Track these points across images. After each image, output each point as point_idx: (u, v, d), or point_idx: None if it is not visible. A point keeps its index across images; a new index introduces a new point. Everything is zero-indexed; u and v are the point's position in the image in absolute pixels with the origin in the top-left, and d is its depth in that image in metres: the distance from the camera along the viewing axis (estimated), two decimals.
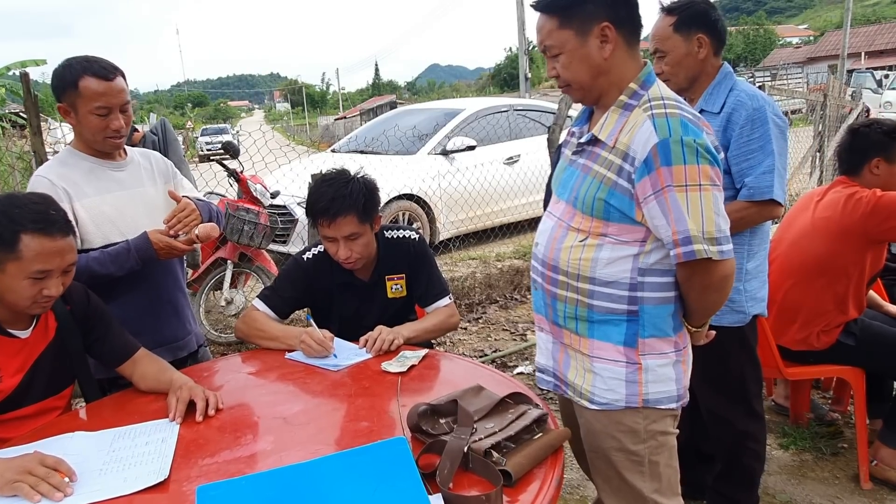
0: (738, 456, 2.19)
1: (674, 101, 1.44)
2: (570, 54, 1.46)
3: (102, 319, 1.80)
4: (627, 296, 1.47)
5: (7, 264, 1.51)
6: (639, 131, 1.39)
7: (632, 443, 1.52)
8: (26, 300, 1.56)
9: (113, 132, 1.93)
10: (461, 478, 1.23)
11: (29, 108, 3.41)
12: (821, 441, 2.85)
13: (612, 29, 1.43)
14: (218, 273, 4.38)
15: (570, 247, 1.52)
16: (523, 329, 4.57)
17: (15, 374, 1.62)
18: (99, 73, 1.87)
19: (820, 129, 6.79)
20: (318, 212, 2.02)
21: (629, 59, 1.48)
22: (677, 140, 1.35)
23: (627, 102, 1.46)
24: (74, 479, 1.30)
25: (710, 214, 1.36)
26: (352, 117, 39.56)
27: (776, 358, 2.50)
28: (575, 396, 1.59)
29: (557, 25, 1.45)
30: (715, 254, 1.37)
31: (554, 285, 1.56)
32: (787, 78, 27.13)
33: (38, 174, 1.95)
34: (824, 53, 34.90)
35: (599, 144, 1.48)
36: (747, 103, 1.95)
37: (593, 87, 1.49)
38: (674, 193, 1.35)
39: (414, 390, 1.68)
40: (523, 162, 7.00)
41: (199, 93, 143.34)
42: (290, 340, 1.99)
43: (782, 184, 1.97)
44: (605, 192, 1.44)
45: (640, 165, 1.38)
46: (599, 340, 1.51)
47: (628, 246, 1.46)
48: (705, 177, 1.36)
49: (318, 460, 1.21)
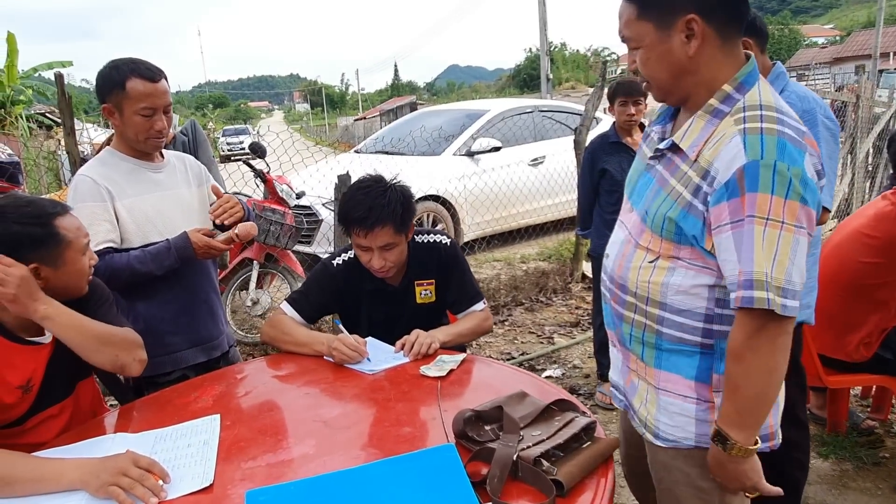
0: (781, 465, 2.13)
1: (775, 111, 1.20)
2: (649, 49, 1.26)
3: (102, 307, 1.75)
4: (702, 328, 1.28)
5: (65, 254, 1.58)
6: (725, 147, 1.18)
7: (701, 479, 1.35)
8: (86, 276, 1.64)
9: (156, 133, 1.96)
10: (510, 487, 1.20)
11: (63, 108, 3.45)
12: (861, 450, 2.78)
13: (699, 22, 1.20)
14: (244, 273, 4.39)
15: (639, 267, 1.34)
16: (550, 332, 4.53)
17: (41, 379, 1.62)
18: (145, 74, 1.90)
19: (852, 131, 6.66)
20: (354, 221, 1.97)
21: (723, 56, 1.25)
22: (769, 164, 1.13)
23: (717, 108, 1.24)
24: (168, 482, 1.28)
25: (783, 259, 1.13)
26: (371, 118, 39.70)
27: (817, 366, 2.44)
28: (640, 427, 1.44)
29: (636, 15, 1.26)
30: (778, 306, 1.13)
31: (621, 305, 1.41)
32: (814, 78, 26.70)
33: (81, 173, 1.98)
34: (851, 54, 34.31)
35: (680, 154, 1.29)
36: (797, 105, 1.90)
37: (676, 87, 1.29)
38: (753, 226, 1.14)
39: (454, 395, 1.65)
40: (548, 163, 6.95)
41: (220, 94, 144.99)
42: (318, 346, 1.95)
43: (830, 189, 1.92)
44: (678, 213, 1.25)
45: (720, 188, 1.17)
46: (668, 372, 1.34)
47: (704, 274, 1.26)
48: (791, 215, 1.13)
49: (367, 466, 1.20)
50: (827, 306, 2.47)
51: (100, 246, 1.88)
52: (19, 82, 14.73)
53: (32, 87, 15.61)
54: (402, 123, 8.39)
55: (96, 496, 1.24)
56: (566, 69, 49.45)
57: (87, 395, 1.78)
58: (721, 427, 1.23)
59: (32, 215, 1.53)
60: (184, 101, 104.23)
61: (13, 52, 13.73)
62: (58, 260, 1.55)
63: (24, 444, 1.56)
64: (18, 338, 1.59)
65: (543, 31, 10.82)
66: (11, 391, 1.55)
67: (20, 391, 1.56)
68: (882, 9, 12.05)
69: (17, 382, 1.56)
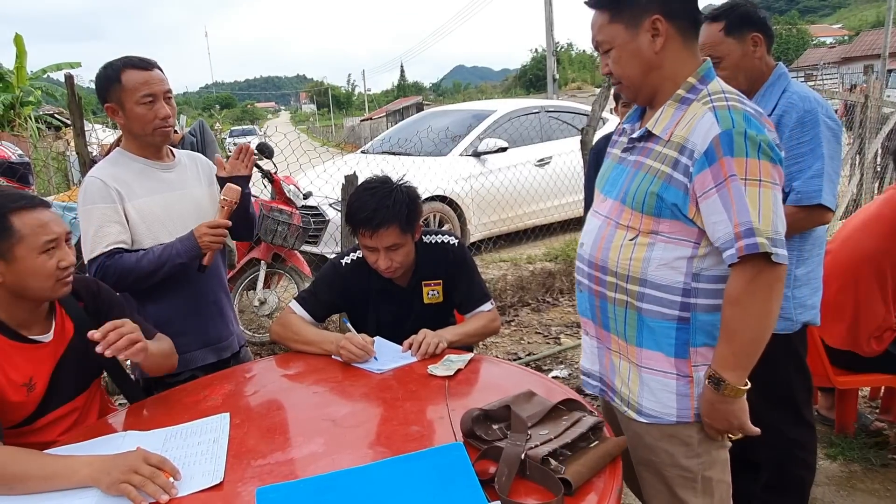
0: (788, 465, 2.13)
1: (736, 95, 1.38)
2: (621, 49, 1.42)
3: (114, 310, 1.77)
4: (680, 301, 1.40)
5: (14, 250, 1.52)
6: (699, 123, 1.33)
7: (684, 457, 1.47)
8: (49, 279, 1.57)
9: (161, 120, 1.96)
10: (518, 485, 1.21)
11: (73, 109, 3.47)
12: (869, 452, 2.77)
13: (663, 21, 1.38)
14: (251, 273, 4.41)
15: (620, 246, 1.45)
16: (556, 332, 4.54)
17: (46, 379, 1.64)
18: (139, 64, 1.94)
19: (860, 131, 6.62)
20: (360, 222, 1.98)
21: (685, 54, 1.42)
22: (741, 132, 1.29)
23: (685, 96, 1.40)
24: (179, 478, 1.29)
25: (768, 213, 1.28)
26: (378, 118, 39.73)
27: (826, 367, 2.44)
28: (622, 405, 1.54)
29: (608, 20, 1.43)
30: (773, 253, 1.28)
31: (602, 286, 1.51)
32: (822, 78, 26.56)
33: (91, 175, 1.98)
34: (860, 53, 34.11)
35: (653, 139, 1.43)
36: (798, 105, 1.90)
37: (645, 82, 1.44)
38: (738, 184, 1.28)
39: (462, 394, 1.66)
40: (555, 164, 6.95)
41: (227, 94, 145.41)
42: (326, 345, 1.96)
43: (833, 188, 1.91)
44: (658, 186, 1.38)
45: (700, 157, 1.32)
46: (649, 350, 1.45)
47: (681, 246, 1.39)
48: (766, 173, 1.29)
49: (376, 464, 1.20)
50: (838, 298, 2.46)
51: (109, 247, 1.91)
52: (28, 83, 14.83)
53: (41, 89, 15.72)
54: (408, 124, 8.40)
55: (108, 493, 1.25)
56: (572, 69, 49.36)
57: (94, 396, 1.81)
58: (716, 370, 1.36)
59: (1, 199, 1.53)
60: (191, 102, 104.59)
61: (21, 53, 13.83)
62: (7, 254, 1.53)
63: (34, 443, 1.58)
64: (20, 336, 1.61)
65: (550, 31, 10.82)
66: (17, 389, 1.57)
67: (25, 389, 1.58)
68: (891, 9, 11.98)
69: (21, 380, 1.58)
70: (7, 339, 1.58)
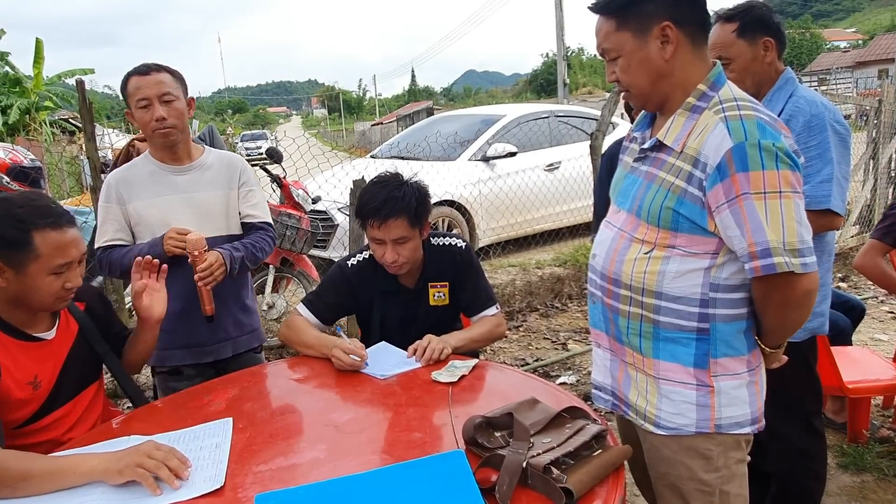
0: (797, 475, 2.10)
1: (748, 101, 1.34)
2: (629, 57, 1.38)
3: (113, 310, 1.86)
4: (698, 312, 1.36)
5: (28, 266, 1.54)
6: (710, 135, 1.30)
7: (703, 471, 1.43)
8: (51, 297, 1.59)
9: (155, 123, 2.00)
10: (519, 494, 1.19)
11: (84, 114, 3.51)
12: (882, 461, 2.73)
13: (673, 28, 1.34)
14: (260, 277, 4.43)
15: (634, 259, 1.42)
16: (564, 338, 4.51)
17: (51, 377, 1.65)
18: (140, 70, 2.01)
19: (874, 136, 6.55)
20: (369, 212, 2.00)
21: (695, 60, 1.38)
22: (754, 143, 1.24)
23: (695, 105, 1.36)
24: (189, 465, 1.33)
25: (791, 224, 1.25)
26: (388, 123, 39.86)
27: (837, 375, 2.40)
28: (637, 419, 1.49)
29: (615, 27, 1.38)
30: (797, 266, 1.25)
31: (615, 300, 1.47)
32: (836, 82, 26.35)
33: (108, 176, 2.13)
34: (874, 57, 33.83)
35: (665, 150, 1.39)
36: (805, 109, 1.88)
37: (654, 91, 1.40)
38: (751, 201, 1.25)
39: (465, 401, 1.65)
40: (564, 169, 6.93)
41: (239, 99, 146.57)
42: (324, 349, 1.95)
43: (842, 193, 1.88)
44: (674, 201, 1.34)
45: (713, 172, 1.28)
46: (666, 361, 1.41)
47: (698, 258, 1.35)
48: (786, 183, 1.25)
49: (376, 471, 1.20)
50: None
51: (106, 242, 2.08)
52: (45, 88, 15.02)
53: (57, 94, 15.93)
54: (418, 128, 8.41)
55: (118, 482, 1.26)
56: (583, 74, 49.23)
57: (97, 395, 1.83)
58: (763, 345, 1.42)
59: (17, 218, 1.53)
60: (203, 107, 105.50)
61: (40, 58, 14.02)
62: (19, 266, 1.54)
63: (40, 441, 1.59)
64: (23, 334, 1.63)
65: (560, 35, 10.81)
66: (23, 387, 1.58)
67: (30, 387, 1.59)
68: None
69: (26, 379, 1.59)
70: (11, 339, 1.61)
